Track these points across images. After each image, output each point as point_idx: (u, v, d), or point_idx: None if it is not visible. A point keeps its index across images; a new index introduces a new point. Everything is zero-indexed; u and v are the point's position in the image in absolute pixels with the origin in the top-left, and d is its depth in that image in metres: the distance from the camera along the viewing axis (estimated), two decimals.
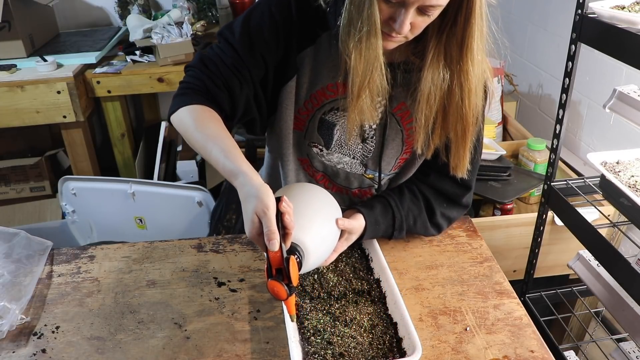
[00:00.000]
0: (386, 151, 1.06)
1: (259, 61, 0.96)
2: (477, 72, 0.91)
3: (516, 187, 1.79)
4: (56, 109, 2.21)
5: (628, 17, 1.03)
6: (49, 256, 1.19)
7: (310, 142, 1.06)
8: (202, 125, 0.90)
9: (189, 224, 2.07)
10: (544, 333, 1.24)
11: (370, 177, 1.10)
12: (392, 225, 1.08)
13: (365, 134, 1.03)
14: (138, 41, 2.43)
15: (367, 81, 0.89)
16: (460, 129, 0.96)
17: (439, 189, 1.11)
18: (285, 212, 0.81)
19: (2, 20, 2.18)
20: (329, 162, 1.09)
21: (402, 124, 1.03)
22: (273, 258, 0.79)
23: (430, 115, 0.96)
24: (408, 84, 0.98)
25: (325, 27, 0.95)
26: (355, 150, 1.06)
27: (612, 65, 1.83)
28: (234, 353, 0.94)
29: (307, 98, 1.01)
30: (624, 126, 1.79)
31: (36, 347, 0.96)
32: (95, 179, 2.13)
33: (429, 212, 1.12)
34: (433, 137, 0.99)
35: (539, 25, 2.39)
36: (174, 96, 0.96)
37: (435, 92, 0.93)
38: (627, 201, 1.11)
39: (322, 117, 1.02)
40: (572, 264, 1.44)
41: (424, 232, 1.15)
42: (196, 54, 1.02)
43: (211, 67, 0.96)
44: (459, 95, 0.92)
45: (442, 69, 0.92)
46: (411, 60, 0.97)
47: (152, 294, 1.08)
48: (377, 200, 1.09)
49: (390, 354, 0.88)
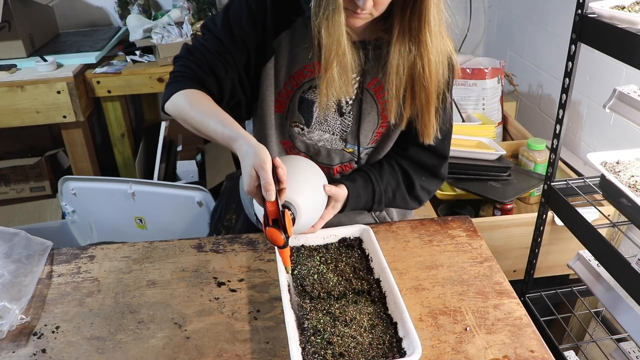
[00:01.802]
0: (363, 124, 1.12)
1: (241, 46, 1.04)
2: (436, 43, 0.99)
3: (516, 187, 1.79)
4: (56, 109, 2.21)
5: (628, 17, 1.03)
6: (49, 256, 1.19)
7: (291, 122, 1.13)
8: (197, 105, 0.99)
9: (189, 224, 2.07)
10: (544, 333, 1.24)
11: (350, 151, 1.16)
12: (372, 199, 1.15)
13: (343, 109, 1.11)
14: (138, 41, 2.43)
15: (334, 55, 0.97)
16: (424, 97, 1.04)
17: (418, 161, 1.18)
18: (279, 166, 0.88)
19: (2, 20, 2.18)
20: (310, 141, 1.15)
21: (377, 98, 1.11)
22: (270, 209, 0.86)
23: (400, 86, 1.04)
24: (379, 59, 1.06)
25: (300, 11, 1.03)
26: (335, 126, 1.13)
27: (612, 65, 1.83)
28: (234, 353, 0.94)
29: (286, 80, 1.08)
30: (624, 126, 1.79)
31: (36, 347, 0.96)
32: (95, 179, 2.13)
33: (409, 185, 1.18)
34: (405, 107, 1.07)
35: (539, 25, 2.39)
36: (166, 85, 1.05)
37: (403, 64, 1.02)
38: (627, 201, 1.11)
39: (302, 96, 1.10)
40: (572, 264, 1.44)
41: (404, 206, 1.22)
42: (183, 45, 1.09)
43: (197, 55, 1.04)
44: (421, 66, 1.01)
45: (407, 43, 1.00)
46: (381, 36, 1.05)
47: (152, 294, 1.09)
48: (359, 174, 1.16)
49: (390, 354, 0.88)
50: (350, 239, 1.14)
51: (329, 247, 1.12)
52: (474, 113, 2.16)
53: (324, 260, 1.08)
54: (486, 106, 2.19)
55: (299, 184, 0.96)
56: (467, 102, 2.19)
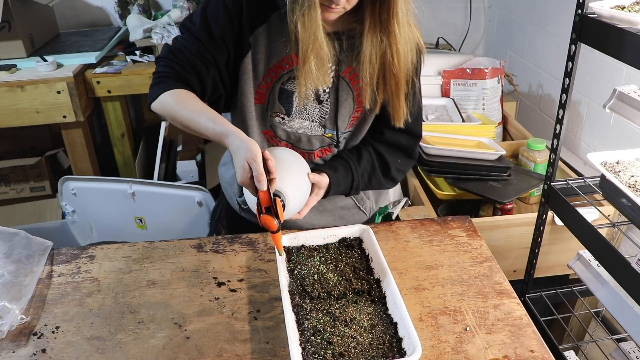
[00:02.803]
0: (341, 110, 1.18)
1: (220, 45, 1.09)
2: (404, 33, 1.06)
3: (516, 187, 1.78)
4: (56, 109, 2.21)
5: (628, 17, 1.03)
6: (49, 256, 1.19)
7: (272, 112, 1.18)
8: (185, 103, 1.05)
9: (189, 224, 2.07)
10: (544, 333, 1.24)
11: (329, 136, 1.22)
12: (351, 186, 1.22)
13: (321, 97, 1.17)
14: (138, 41, 2.43)
15: (311, 49, 1.02)
16: (393, 84, 1.11)
17: (394, 143, 1.25)
18: (268, 158, 0.97)
19: (2, 20, 2.18)
20: (290, 129, 1.20)
21: (352, 85, 1.17)
22: (262, 198, 0.94)
23: (373, 74, 1.10)
24: (353, 48, 1.11)
25: (275, 7, 1.08)
26: (314, 114, 1.19)
27: (612, 65, 1.83)
28: (234, 353, 0.94)
29: (265, 73, 1.13)
30: (624, 126, 1.79)
31: (36, 347, 0.96)
32: (95, 179, 2.13)
33: (385, 169, 1.25)
34: (378, 93, 1.13)
35: (539, 25, 2.39)
36: (151, 86, 1.10)
37: (375, 54, 1.08)
38: (627, 201, 1.11)
39: (281, 87, 1.15)
40: (572, 264, 1.44)
41: (380, 187, 1.30)
42: (164, 46, 1.13)
43: (180, 56, 1.09)
44: (390, 55, 1.07)
45: (379, 34, 1.06)
46: (353, 27, 1.11)
47: (152, 294, 1.09)
48: (339, 162, 1.22)
49: (390, 354, 0.88)
50: (350, 239, 1.14)
51: (329, 247, 1.12)
52: (474, 113, 2.16)
53: (324, 260, 1.08)
54: (486, 106, 2.19)
55: (286, 174, 1.03)
56: (467, 102, 2.19)
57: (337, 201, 1.31)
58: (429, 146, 1.80)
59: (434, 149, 1.80)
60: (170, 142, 2.68)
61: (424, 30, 3.13)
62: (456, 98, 2.18)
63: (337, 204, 1.31)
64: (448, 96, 2.20)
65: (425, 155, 1.80)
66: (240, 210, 1.35)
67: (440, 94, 2.22)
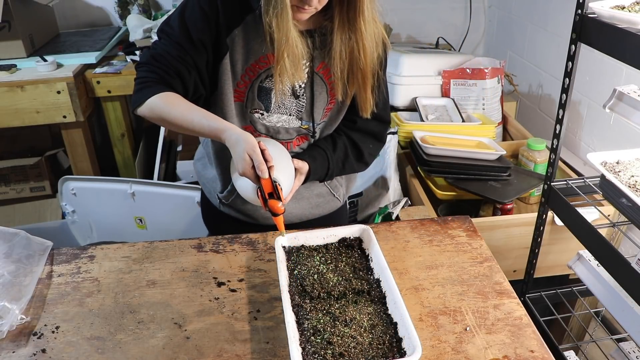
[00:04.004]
0: (316, 104, 1.24)
1: (199, 48, 1.13)
2: (370, 30, 1.13)
3: (516, 187, 1.78)
4: (56, 109, 2.21)
5: (628, 17, 1.03)
6: (49, 256, 1.19)
7: (252, 109, 1.23)
8: (175, 105, 1.10)
9: (189, 224, 2.07)
10: (544, 333, 1.24)
11: (306, 128, 1.28)
12: (326, 173, 1.29)
13: (297, 92, 1.22)
14: (138, 41, 2.43)
15: (284, 48, 1.08)
16: (360, 77, 1.18)
17: (366, 130, 1.32)
18: (264, 148, 1.03)
19: (2, 20, 2.18)
20: (269, 124, 1.25)
21: (325, 80, 1.23)
22: (265, 185, 1.02)
23: (344, 69, 1.17)
24: (325, 45, 1.18)
25: (250, 9, 1.13)
26: (291, 108, 1.24)
27: (612, 65, 1.83)
28: (234, 353, 0.94)
29: (243, 72, 1.18)
30: (624, 126, 1.79)
31: (36, 347, 0.96)
32: (95, 179, 2.13)
33: (357, 154, 1.32)
34: (349, 86, 1.20)
35: (539, 25, 2.39)
36: (136, 91, 1.12)
37: (345, 50, 1.15)
38: (627, 201, 1.11)
39: (260, 85, 1.20)
40: (572, 264, 1.44)
41: (353, 171, 1.38)
42: (144, 52, 1.18)
43: (162, 61, 1.12)
44: (357, 50, 1.14)
45: (347, 31, 1.13)
46: (324, 25, 1.17)
47: (152, 294, 1.09)
48: (317, 151, 1.28)
49: (390, 354, 0.88)
50: (350, 239, 1.14)
51: (329, 247, 1.12)
52: (474, 113, 2.16)
53: (324, 260, 1.08)
54: (486, 106, 2.19)
55: (277, 162, 1.08)
56: (467, 102, 2.19)
57: (312, 189, 1.36)
58: (429, 146, 1.80)
59: (434, 149, 1.80)
60: (170, 142, 2.68)
61: (424, 30, 3.12)
62: (456, 98, 2.18)
63: (312, 191, 1.37)
64: (448, 96, 2.20)
65: (425, 155, 1.80)
66: (219, 205, 1.38)
67: (440, 94, 2.23)
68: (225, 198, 1.35)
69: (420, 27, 2.96)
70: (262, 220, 1.36)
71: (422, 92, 2.21)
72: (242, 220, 1.37)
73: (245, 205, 1.33)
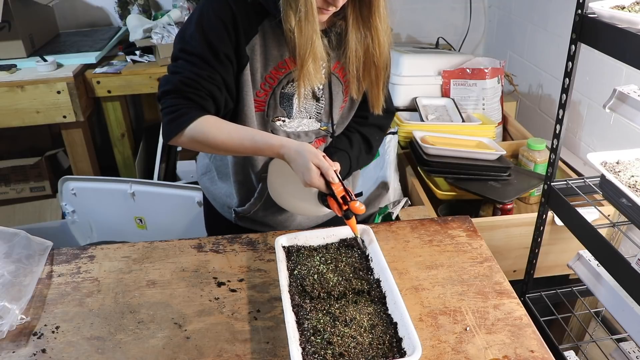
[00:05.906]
0: (334, 104, 1.25)
1: (226, 62, 1.10)
2: (384, 27, 1.13)
3: (516, 187, 1.78)
4: (56, 109, 2.21)
5: (628, 17, 1.03)
6: (49, 256, 1.19)
7: (273, 117, 1.21)
8: (219, 129, 1.07)
9: (189, 224, 2.07)
10: (544, 333, 1.24)
11: (325, 129, 1.29)
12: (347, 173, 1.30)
13: (317, 94, 1.22)
14: (138, 41, 2.43)
15: (309, 52, 1.06)
16: (374, 75, 1.19)
17: (377, 124, 1.35)
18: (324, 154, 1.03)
19: (2, 20, 2.18)
20: (290, 129, 1.24)
21: (341, 79, 1.23)
22: (337, 189, 1.02)
23: (359, 67, 1.17)
24: (340, 44, 1.17)
25: (265, 14, 1.09)
26: (311, 111, 1.24)
27: (612, 65, 1.83)
28: (234, 353, 0.94)
29: (262, 80, 1.15)
30: (624, 126, 1.79)
31: (36, 347, 0.96)
32: (95, 179, 2.13)
33: (368, 147, 1.34)
34: (362, 83, 1.21)
35: (539, 25, 2.39)
36: (168, 122, 1.08)
37: (360, 47, 1.15)
38: (627, 201, 1.11)
39: (282, 92, 1.18)
40: (572, 264, 1.43)
41: (364, 165, 1.39)
42: (165, 78, 1.11)
43: (193, 86, 1.07)
44: (372, 47, 1.14)
45: (362, 29, 1.13)
46: (339, 24, 1.16)
47: (152, 294, 1.09)
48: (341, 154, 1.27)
49: (390, 354, 0.88)
50: (350, 239, 1.14)
51: (329, 247, 1.12)
52: (474, 113, 2.16)
53: (324, 260, 1.08)
54: (486, 106, 2.18)
55: None
56: (467, 102, 2.19)
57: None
58: (429, 146, 1.80)
59: (434, 149, 1.80)
60: None
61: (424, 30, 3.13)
62: (456, 98, 2.18)
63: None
64: (448, 96, 2.20)
65: (425, 155, 1.80)
66: (235, 220, 1.33)
67: (440, 94, 2.22)
68: (245, 211, 1.30)
69: (420, 27, 2.96)
70: (280, 227, 1.34)
71: (422, 92, 2.21)
72: (258, 230, 1.33)
73: (267, 215, 1.31)
